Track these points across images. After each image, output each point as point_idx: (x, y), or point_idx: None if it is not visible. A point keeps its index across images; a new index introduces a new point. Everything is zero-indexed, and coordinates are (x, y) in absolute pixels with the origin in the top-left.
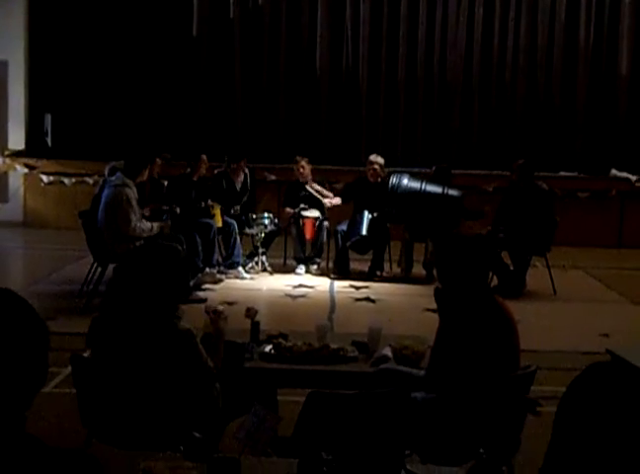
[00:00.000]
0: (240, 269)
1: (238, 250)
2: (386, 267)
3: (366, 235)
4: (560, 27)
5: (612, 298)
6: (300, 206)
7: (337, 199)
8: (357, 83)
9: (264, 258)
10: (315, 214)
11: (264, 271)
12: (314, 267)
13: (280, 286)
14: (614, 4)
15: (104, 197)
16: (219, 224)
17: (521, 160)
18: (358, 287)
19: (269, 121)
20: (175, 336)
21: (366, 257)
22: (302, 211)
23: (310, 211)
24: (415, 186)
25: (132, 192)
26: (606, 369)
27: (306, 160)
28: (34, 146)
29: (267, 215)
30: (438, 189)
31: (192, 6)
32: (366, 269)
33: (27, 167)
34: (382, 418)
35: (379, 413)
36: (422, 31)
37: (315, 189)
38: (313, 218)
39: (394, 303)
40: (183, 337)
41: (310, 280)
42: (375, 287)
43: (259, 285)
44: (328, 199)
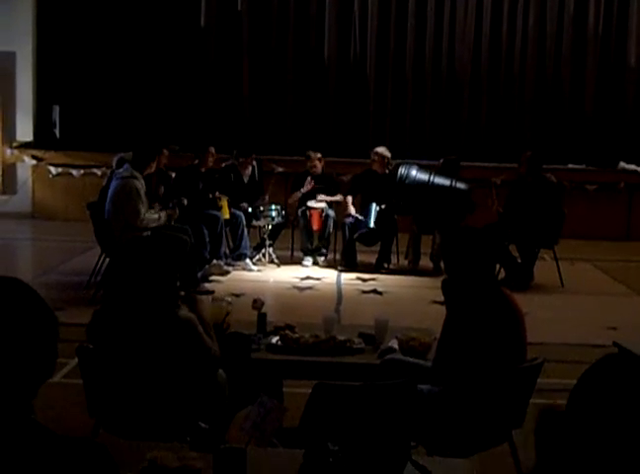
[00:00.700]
0: (247, 261)
1: (245, 242)
2: (393, 259)
3: (374, 227)
4: (569, 18)
5: (620, 291)
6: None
7: (349, 201)
8: (364, 75)
9: (271, 250)
10: (322, 205)
11: (271, 262)
12: (321, 259)
13: (288, 278)
14: None
15: (111, 189)
16: (227, 216)
17: (529, 152)
18: (365, 279)
19: (276, 113)
20: (177, 324)
21: (374, 249)
22: (309, 202)
23: (317, 203)
24: (423, 177)
25: (140, 183)
26: (619, 362)
27: (319, 155)
28: (42, 138)
29: (274, 207)
30: (446, 181)
31: None
32: (374, 261)
33: (35, 159)
34: (388, 409)
35: (385, 404)
36: (430, 22)
37: (332, 200)
38: (320, 209)
39: (401, 295)
40: (184, 325)
41: (317, 272)
42: (383, 279)
43: (266, 277)
44: (351, 209)
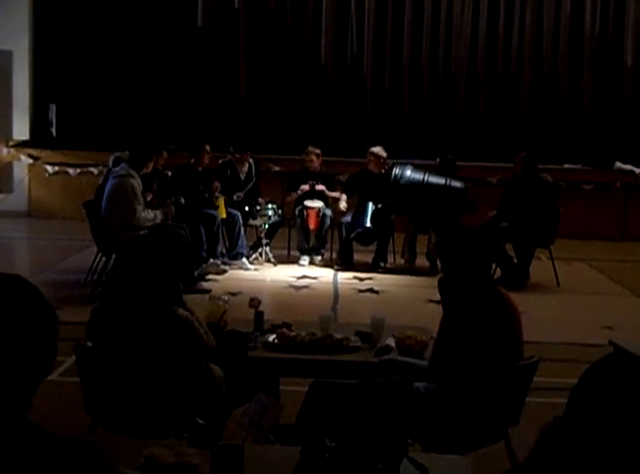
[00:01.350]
0: (244, 260)
1: (242, 241)
2: (390, 258)
3: (370, 226)
4: (565, 18)
5: (616, 291)
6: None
7: (344, 197)
8: (361, 74)
9: (267, 249)
10: (319, 205)
11: (268, 261)
12: (318, 258)
13: (284, 277)
14: None
15: (108, 188)
16: (223, 215)
17: (525, 152)
18: (361, 279)
19: (273, 112)
20: (174, 323)
21: (370, 248)
22: (305, 202)
23: (314, 202)
24: (418, 177)
25: (137, 182)
26: (619, 362)
27: (318, 151)
28: (38, 137)
29: (270, 206)
30: (441, 180)
31: None
32: (370, 260)
33: (31, 157)
34: (385, 407)
35: (382, 402)
36: (427, 21)
37: (331, 196)
38: (317, 209)
39: (398, 294)
40: (182, 323)
41: (314, 271)
42: (379, 279)
43: (263, 276)
44: (343, 204)
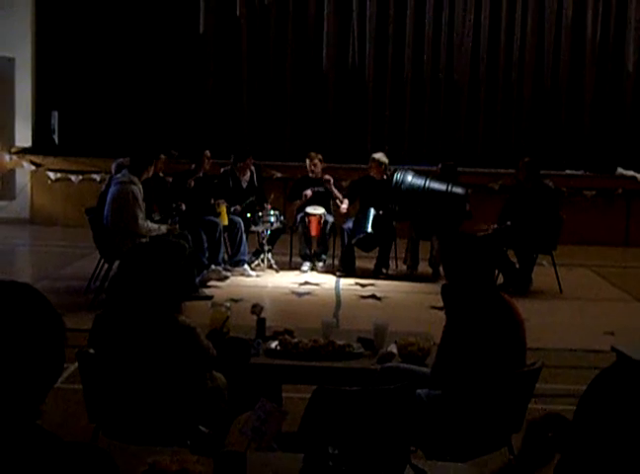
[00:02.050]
0: (246, 266)
1: (244, 247)
2: (392, 264)
3: (372, 232)
4: (567, 25)
5: (618, 296)
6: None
7: (346, 202)
8: (363, 81)
9: (269, 255)
10: (320, 211)
11: (269, 268)
12: (320, 264)
13: (286, 284)
14: (621, 2)
15: (110, 194)
16: (225, 223)
17: (527, 158)
18: (363, 285)
19: (275, 119)
20: (177, 331)
21: (372, 254)
22: (307, 208)
23: (315, 208)
24: (419, 183)
25: (138, 188)
26: (626, 370)
27: (320, 157)
28: (40, 143)
29: (272, 213)
30: (442, 186)
31: (198, 3)
32: (372, 266)
33: (33, 164)
34: (387, 414)
35: (384, 409)
36: (428, 28)
37: (335, 193)
38: (319, 215)
39: (400, 301)
40: (184, 331)
41: (316, 278)
42: (381, 285)
43: (264, 283)
44: (344, 206)
